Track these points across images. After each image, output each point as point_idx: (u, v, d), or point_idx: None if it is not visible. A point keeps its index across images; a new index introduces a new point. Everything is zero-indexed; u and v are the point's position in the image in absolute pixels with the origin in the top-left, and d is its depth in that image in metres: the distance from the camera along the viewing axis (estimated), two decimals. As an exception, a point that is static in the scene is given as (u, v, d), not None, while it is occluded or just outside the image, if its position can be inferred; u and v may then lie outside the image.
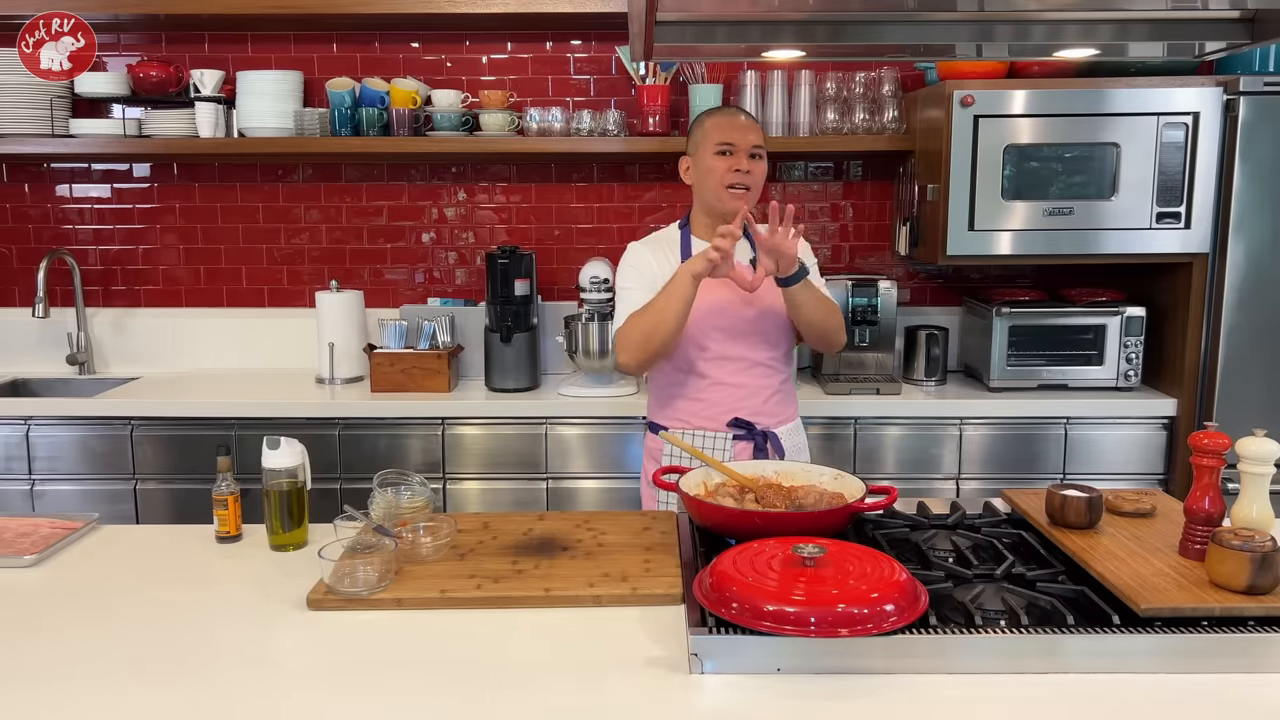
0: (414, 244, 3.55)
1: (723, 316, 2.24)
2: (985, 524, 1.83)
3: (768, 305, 2.25)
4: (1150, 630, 1.36)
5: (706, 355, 2.26)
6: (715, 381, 2.26)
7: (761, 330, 2.27)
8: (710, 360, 2.26)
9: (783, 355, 2.34)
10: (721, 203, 2.24)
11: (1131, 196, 2.94)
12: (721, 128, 2.23)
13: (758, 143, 2.23)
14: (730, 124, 2.23)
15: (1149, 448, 3.04)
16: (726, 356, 2.26)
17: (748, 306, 2.25)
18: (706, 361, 2.26)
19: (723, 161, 2.22)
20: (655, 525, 1.91)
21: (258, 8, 3.13)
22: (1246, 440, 1.53)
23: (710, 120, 2.26)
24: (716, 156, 2.22)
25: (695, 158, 2.28)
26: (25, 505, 3.04)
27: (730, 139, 2.21)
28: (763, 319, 2.26)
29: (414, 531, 1.76)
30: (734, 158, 2.21)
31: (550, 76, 3.45)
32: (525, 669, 1.38)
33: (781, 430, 2.30)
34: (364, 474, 2.90)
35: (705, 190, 2.27)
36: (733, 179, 2.21)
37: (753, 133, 2.24)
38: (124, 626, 1.53)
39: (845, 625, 1.32)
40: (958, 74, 3.00)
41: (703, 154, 2.25)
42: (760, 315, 2.26)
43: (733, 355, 2.26)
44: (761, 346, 2.28)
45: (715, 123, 2.25)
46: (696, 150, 2.28)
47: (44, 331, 3.51)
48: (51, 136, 3.25)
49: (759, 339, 2.27)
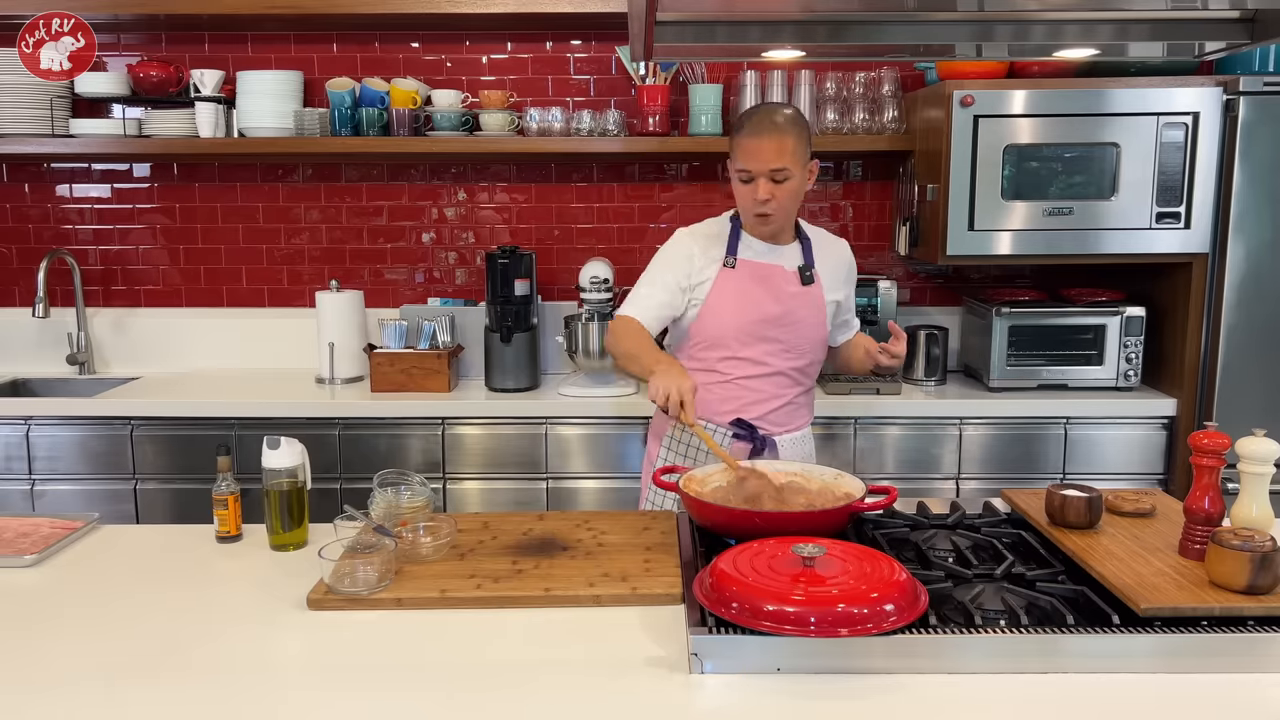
0: (414, 244, 3.55)
1: (749, 320, 2.19)
2: (985, 524, 1.83)
3: (800, 319, 2.21)
4: (1150, 630, 1.36)
5: (725, 353, 2.21)
6: (729, 379, 2.21)
7: (787, 341, 2.21)
8: (727, 360, 2.21)
9: (805, 367, 2.26)
10: (750, 228, 2.20)
11: (1131, 196, 2.94)
12: (743, 150, 2.11)
13: (778, 165, 2.08)
14: (751, 147, 2.09)
15: (1149, 448, 3.04)
16: (746, 359, 2.21)
17: (780, 315, 2.19)
18: (724, 359, 2.22)
19: (744, 189, 2.14)
20: (655, 525, 1.91)
21: (258, 8, 3.13)
22: (1246, 440, 1.53)
23: (737, 138, 2.13)
24: (740, 181, 2.14)
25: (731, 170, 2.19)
26: (25, 505, 3.04)
27: (748, 165, 2.10)
28: (792, 331, 2.21)
29: (414, 531, 1.76)
30: (753, 185, 2.11)
31: (550, 76, 3.45)
32: (525, 669, 1.38)
33: (785, 439, 2.26)
34: (364, 474, 2.90)
35: (738, 203, 2.20)
36: (754, 208, 2.14)
37: (775, 154, 2.08)
38: (124, 626, 1.53)
39: (845, 625, 1.32)
40: (958, 74, 3.00)
41: (732, 172, 2.17)
42: (790, 327, 2.21)
43: (753, 359, 2.21)
44: (784, 356, 2.22)
45: (739, 142, 2.12)
46: (730, 162, 2.18)
47: (44, 331, 3.51)
48: (51, 136, 3.25)
49: (782, 348, 2.21)
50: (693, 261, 2.21)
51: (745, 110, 2.20)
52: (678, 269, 2.21)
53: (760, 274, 2.20)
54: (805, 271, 2.22)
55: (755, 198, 2.11)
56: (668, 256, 2.24)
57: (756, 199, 2.11)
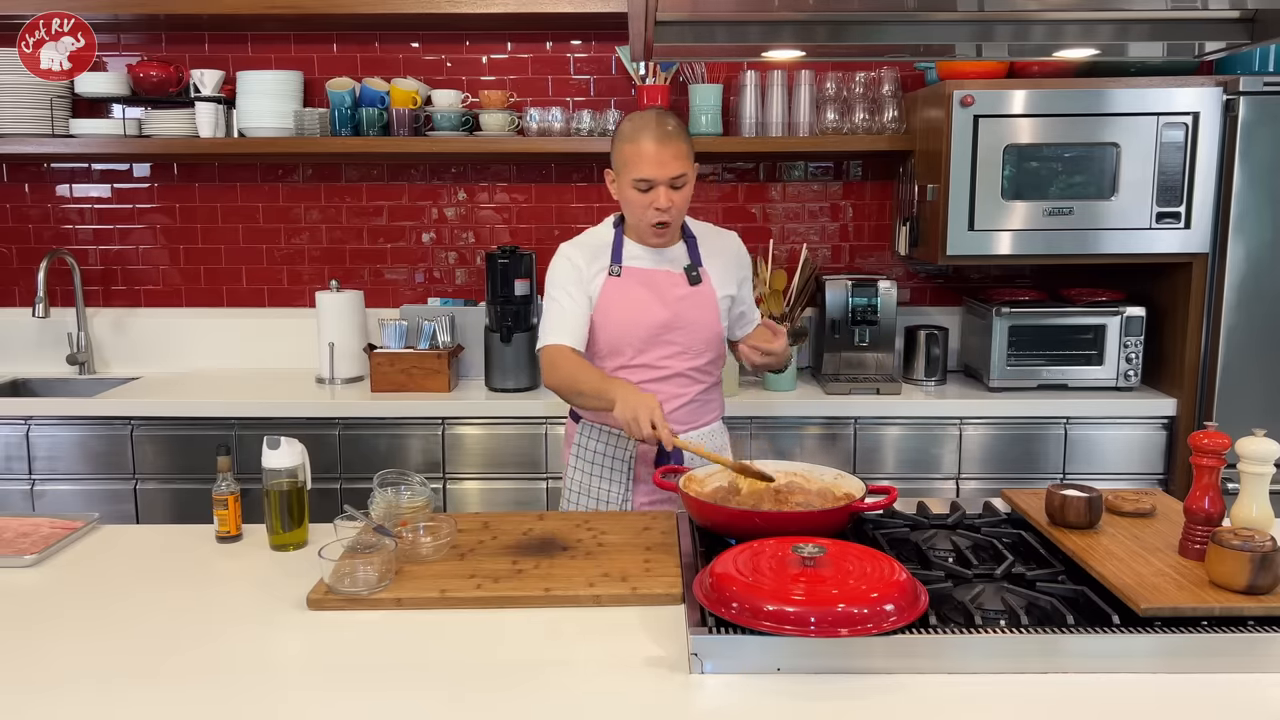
0: (414, 244, 3.55)
1: (641, 327, 2.18)
2: (985, 524, 1.83)
3: (692, 320, 2.20)
4: (1150, 630, 1.36)
5: (621, 361, 2.20)
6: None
7: (682, 343, 2.20)
8: (624, 368, 2.20)
9: (706, 364, 2.25)
10: (644, 238, 2.19)
11: (1131, 196, 2.94)
12: (639, 160, 2.06)
13: (678, 171, 2.07)
14: (647, 156, 2.05)
15: (1149, 448, 3.04)
16: (642, 365, 2.20)
17: (670, 320, 2.18)
18: (620, 367, 2.20)
19: (641, 198, 2.10)
20: (655, 525, 1.91)
21: (258, 8, 3.13)
22: (1246, 440, 1.53)
23: (629, 147, 2.08)
24: (636, 191, 2.09)
25: (617, 179, 2.14)
26: (25, 505, 3.04)
27: (647, 174, 2.06)
28: (685, 333, 2.20)
29: (414, 531, 1.76)
30: (652, 193, 2.08)
31: (550, 76, 3.45)
32: (525, 669, 1.38)
33: (691, 435, 2.21)
34: (364, 474, 2.90)
35: (628, 215, 2.19)
36: (652, 218, 2.11)
37: (673, 161, 2.06)
38: (124, 626, 1.53)
39: (845, 625, 1.32)
40: (958, 74, 3.00)
41: (623, 181, 2.12)
42: (683, 330, 2.19)
43: (649, 364, 2.20)
44: (681, 358, 2.21)
45: (634, 152, 2.06)
46: (618, 172, 2.13)
47: (44, 331, 3.51)
48: (51, 136, 3.25)
49: (678, 350, 2.20)
50: (580, 273, 2.19)
51: (628, 119, 2.14)
52: (571, 281, 2.18)
53: (646, 279, 2.19)
54: (691, 271, 2.20)
55: (655, 206, 2.08)
56: (559, 273, 2.21)
57: (657, 208, 2.08)
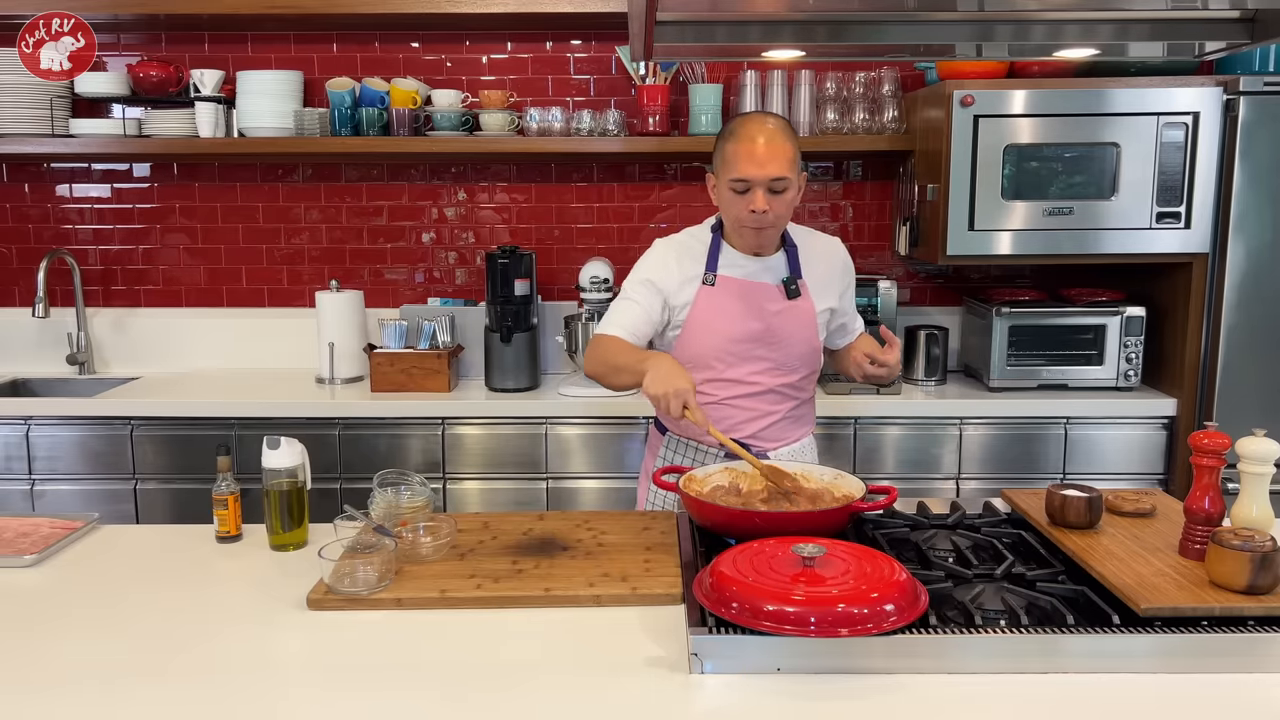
0: (414, 244, 3.55)
1: (732, 341, 2.09)
2: (985, 524, 1.83)
3: (786, 335, 2.11)
4: (1150, 630, 1.36)
5: (710, 375, 2.11)
6: (716, 401, 2.12)
7: (774, 359, 2.12)
8: (713, 381, 2.11)
9: (799, 380, 2.16)
10: (741, 242, 2.09)
11: (1131, 196, 2.94)
12: (739, 159, 1.97)
13: (778, 174, 1.96)
14: (748, 155, 1.96)
15: (1149, 448, 3.04)
16: (731, 379, 2.11)
17: (763, 334, 2.09)
18: (709, 381, 2.11)
19: (739, 201, 2.00)
20: (655, 525, 1.91)
21: (258, 8, 3.13)
22: (1246, 440, 1.53)
23: (730, 146, 1.99)
24: (733, 192, 2.00)
25: (717, 182, 2.05)
26: (25, 505, 3.04)
27: (746, 174, 1.96)
28: (778, 349, 2.11)
29: (414, 531, 1.76)
30: (750, 196, 1.98)
31: (550, 76, 3.45)
32: (525, 669, 1.38)
33: (782, 453, 2.16)
34: (364, 474, 2.90)
35: (725, 219, 2.10)
36: (749, 221, 2.01)
37: (774, 162, 1.95)
38: (124, 626, 1.53)
39: (845, 625, 1.32)
40: (958, 74, 3.00)
41: (721, 183, 2.03)
42: (776, 345, 2.11)
43: (738, 379, 2.11)
44: (773, 374, 2.13)
45: (734, 151, 1.98)
46: (718, 173, 2.04)
47: (44, 331, 3.51)
48: (51, 136, 3.25)
49: (770, 366, 2.12)
50: (671, 277, 2.10)
51: (736, 117, 2.07)
52: (657, 282, 2.10)
53: (741, 291, 2.09)
54: (790, 285, 2.10)
55: (752, 209, 1.98)
56: (643, 270, 2.12)
57: (754, 210, 1.98)
